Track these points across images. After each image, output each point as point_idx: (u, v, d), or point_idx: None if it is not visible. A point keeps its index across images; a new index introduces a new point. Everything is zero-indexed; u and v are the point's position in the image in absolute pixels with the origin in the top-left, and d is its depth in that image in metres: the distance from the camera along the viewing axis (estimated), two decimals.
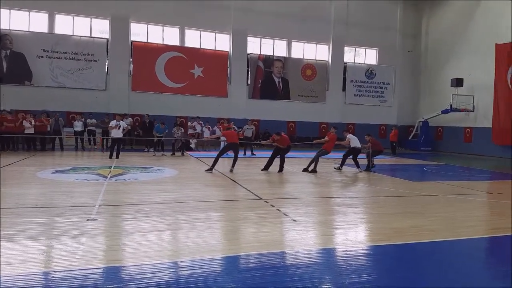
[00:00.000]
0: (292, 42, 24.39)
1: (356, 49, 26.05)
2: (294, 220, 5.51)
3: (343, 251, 4.36)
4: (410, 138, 25.85)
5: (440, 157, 20.44)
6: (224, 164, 11.77)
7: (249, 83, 23.44)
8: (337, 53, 24.86)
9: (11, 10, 19.34)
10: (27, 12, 19.58)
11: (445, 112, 23.09)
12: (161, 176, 9.75)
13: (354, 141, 11.96)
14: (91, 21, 20.65)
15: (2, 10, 19.06)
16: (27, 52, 19.32)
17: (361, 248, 4.52)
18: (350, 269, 3.77)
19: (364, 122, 25.11)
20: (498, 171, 14.25)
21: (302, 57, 24.59)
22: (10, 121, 15.16)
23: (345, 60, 25.38)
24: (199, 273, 3.53)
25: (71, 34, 20.23)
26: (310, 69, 24.55)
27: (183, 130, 16.06)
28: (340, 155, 12.72)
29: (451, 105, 22.45)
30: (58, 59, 19.75)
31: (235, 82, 22.93)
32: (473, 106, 22.26)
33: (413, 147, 25.04)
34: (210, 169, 10.50)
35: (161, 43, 21.80)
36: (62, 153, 15.43)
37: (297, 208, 6.47)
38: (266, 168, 11.33)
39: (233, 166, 10.73)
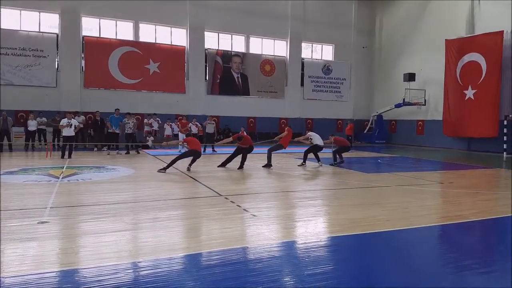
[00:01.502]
0: (251, 38, 24.42)
1: (313, 45, 26.55)
2: (254, 215, 5.56)
3: (303, 244, 4.46)
4: (365, 131, 26.83)
5: (393, 149, 21.39)
6: (183, 161, 11.58)
7: (207, 78, 23.22)
8: (295, 49, 25.21)
9: None
10: None
11: (398, 106, 24.14)
12: (116, 176, 9.45)
13: (315, 138, 12.00)
14: (39, 15, 19.52)
15: None
16: None
17: (320, 240, 4.65)
18: (309, 260, 3.87)
19: (322, 117, 25.71)
20: (449, 162, 15.15)
21: (260, 53, 24.71)
22: None
23: (303, 56, 25.80)
24: (159, 272, 3.48)
25: (19, 29, 19.01)
26: (269, 64, 24.73)
27: (134, 120, 15.49)
28: (301, 149, 12.88)
29: (404, 99, 23.51)
30: (5, 55, 18.51)
31: (193, 77, 22.63)
32: (425, 100, 23.45)
33: (368, 140, 26.01)
34: (164, 169, 10.10)
35: (114, 38, 21.04)
36: (11, 153, 14.51)
37: (257, 203, 6.54)
38: (223, 164, 11.31)
39: (190, 165, 10.54)
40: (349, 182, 9.08)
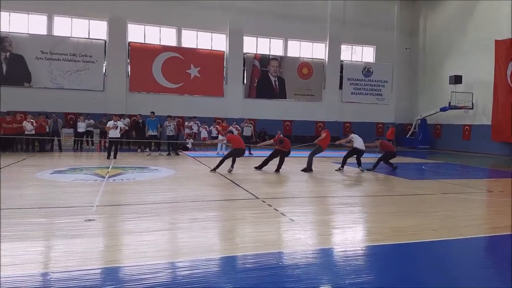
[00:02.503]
0: (289, 41, 24.39)
1: (353, 47, 26.07)
2: (292, 220, 5.52)
3: (342, 251, 4.36)
4: (408, 136, 25.90)
5: (438, 155, 20.49)
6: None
7: (245, 82, 23.45)
8: (334, 51, 24.88)
9: (11, 13, 19.28)
10: (27, 15, 19.54)
11: (443, 109, 23.13)
12: (158, 176, 9.74)
13: (357, 141, 11.62)
14: (89, 23, 20.62)
15: (2, 13, 19.03)
16: (26, 54, 19.29)
17: (360, 248, 4.53)
18: (350, 269, 3.77)
19: (361, 120, 25.11)
20: (498, 169, 14.28)
21: (298, 56, 24.59)
22: (9, 122, 15.12)
23: (342, 58, 25.40)
24: (197, 273, 3.53)
25: (70, 36, 20.19)
26: (306, 67, 24.56)
27: (175, 123, 15.94)
28: (340, 154, 12.61)
29: (449, 103, 22.49)
30: (57, 60, 19.71)
31: (231, 81, 22.94)
32: (472, 104, 22.28)
33: (411, 145, 25.09)
34: (214, 170, 10.44)
35: (158, 43, 21.78)
36: (60, 153, 15.40)
37: (294, 207, 6.48)
38: (260, 167, 11.31)
39: (232, 166, 10.69)
40: (391, 189, 8.79)
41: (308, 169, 11.21)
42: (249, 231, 5.03)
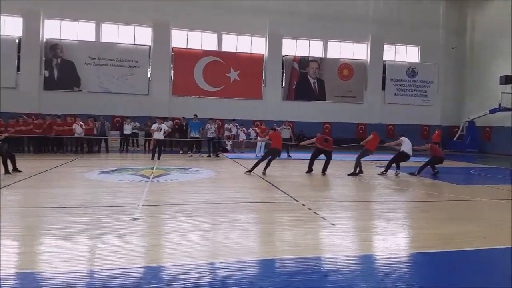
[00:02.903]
0: (329, 42, 24.08)
1: (397, 47, 25.28)
2: (333, 224, 5.43)
3: (386, 258, 4.23)
4: (455, 139, 24.70)
5: (488, 159, 19.37)
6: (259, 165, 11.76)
7: (283, 84, 23.43)
8: (376, 52, 24.25)
9: (62, 21, 20.52)
10: (76, 22, 20.70)
11: (493, 111, 21.84)
12: (199, 177, 9.96)
13: (406, 145, 11.19)
14: (134, 29, 21.50)
15: (53, 21, 20.32)
16: (76, 60, 20.42)
17: (405, 255, 4.38)
18: (395, 277, 3.65)
19: (405, 122, 24.23)
20: None
21: (339, 57, 24.21)
22: (60, 125, 16.07)
23: (385, 58, 24.69)
24: (238, 275, 3.56)
25: (116, 42, 21.16)
26: (347, 68, 24.12)
27: (216, 126, 16.24)
28: (384, 157, 12.19)
29: (499, 104, 21.21)
30: (104, 66, 20.72)
31: (270, 84, 23.01)
32: None
33: (458, 148, 23.88)
34: (249, 171, 10.53)
35: (200, 48, 22.30)
36: (107, 154, 16.17)
37: (335, 212, 6.38)
38: (309, 171, 11.08)
39: (265, 169, 10.65)
40: (437, 194, 8.42)
41: (354, 173, 10.94)
42: (289, 235, 5.01)
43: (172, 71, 21.82)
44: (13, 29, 19.87)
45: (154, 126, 14.18)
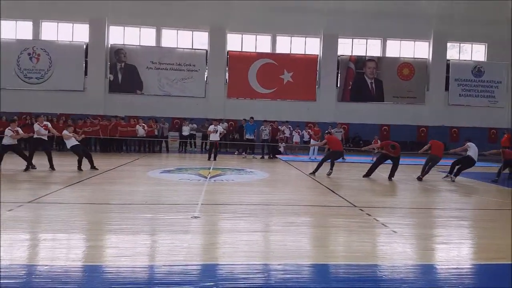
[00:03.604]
0: (387, 41, 23.26)
1: (461, 45, 23.79)
2: (394, 232, 5.23)
3: (455, 269, 3.99)
4: None
5: None
6: (312, 168, 11.63)
7: (338, 85, 22.99)
8: (439, 50, 23.00)
9: (125, 27, 21.85)
10: (138, 28, 21.93)
11: None
12: (254, 178, 10.09)
13: (472, 150, 10.54)
14: (192, 34, 22.31)
15: (117, 27, 21.68)
16: (138, 64, 21.65)
17: (470, 267, 4.12)
18: None
19: (470, 125, 22.72)
20: None
21: (398, 56, 23.29)
22: (124, 126, 17.11)
23: (448, 57, 23.35)
24: (294, 278, 3.55)
25: (176, 47, 22.09)
26: (407, 68, 23.14)
27: (270, 128, 16.34)
28: (449, 162, 11.50)
29: None
30: (164, 70, 21.74)
31: (324, 85, 22.70)
32: None
33: None
34: (313, 173, 10.61)
35: (254, 51, 22.60)
36: (167, 155, 16.95)
37: (397, 218, 6.14)
38: (368, 174, 10.76)
39: (331, 169, 10.63)
40: (507, 202, 7.79)
41: (420, 177, 10.52)
42: (347, 240, 4.90)
43: (227, 74, 22.32)
44: (80, 36, 21.50)
45: (211, 127, 14.63)
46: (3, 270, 3.49)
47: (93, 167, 10.52)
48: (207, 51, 22.11)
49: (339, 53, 22.87)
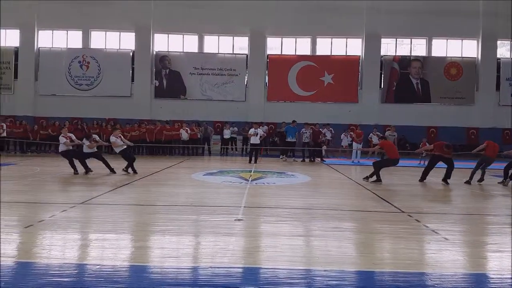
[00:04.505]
0: (433, 40, 22.32)
1: None
2: (446, 239, 4.97)
3: (509, 279, 3.72)
4: None
5: None
6: (355, 171, 11.40)
7: (382, 86, 22.34)
8: (489, 48, 21.75)
9: (169, 34, 22.56)
10: (181, 35, 22.56)
11: None
12: (295, 182, 10.00)
13: None
14: (233, 39, 22.62)
15: (161, 35, 22.41)
16: (182, 70, 22.26)
17: None
18: None
19: None
20: None
21: (445, 55, 22.26)
22: (169, 130, 17.66)
23: (498, 55, 22.00)
24: (340, 285, 3.46)
25: (217, 52, 22.50)
26: (455, 67, 22.05)
27: (311, 131, 16.14)
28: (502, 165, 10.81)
29: None
30: (206, 75, 22.20)
31: (366, 86, 22.15)
32: None
33: None
34: (367, 178, 10.03)
35: (294, 53, 22.51)
36: (209, 157, 17.28)
37: (448, 225, 5.81)
38: (423, 178, 10.26)
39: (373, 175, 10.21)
40: None
41: (469, 181, 10.04)
42: (396, 247, 4.67)
43: (267, 78, 22.39)
44: (127, 43, 22.44)
45: (251, 131, 14.74)
46: (56, 269, 3.67)
47: (133, 171, 10.68)
48: (247, 55, 22.32)
49: (382, 53, 22.24)
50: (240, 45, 22.63)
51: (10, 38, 22.29)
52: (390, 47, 22.70)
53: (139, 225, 5.54)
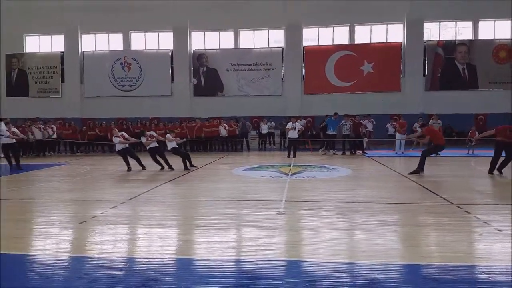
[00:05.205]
0: (479, 22, 21.01)
1: None
2: (499, 230, 4.71)
3: None
4: None
5: None
6: (399, 163, 11.03)
7: (426, 73, 21.39)
8: None
9: (205, 32, 22.88)
10: (217, 33, 22.81)
11: None
12: (336, 175, 9.85)
13: None
14: (268, 33, 22.54)
15: (198, 33, 22.78)
16: (219, 67, 22.51)
17: None
18: None
19: None
20: None
21: (493, 38, 20.91)
22: (208, 126, 17.98)
23: None
24: (387, 278, 3.39)
25: (252, 47, 22.55)
26: (504, 50, 20.67)
27: (351, 122, 15.76)
28: None
29: None
30: (243, 71, 22.32)
31: (409, 74, 21.29)
32: None
33: None
34: (417, 172, 9.43)
35: (331, 44, 22.07)
36: (248, 153, 17.42)
37: (502, 216, 5.48)
38: (492, 169, 9.43)
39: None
40: None
41: None
42: (445, 240, 4.48)
43: (303, 70, 22.14)
44: (166, 44, 22.98)
45: (289, 125, 14.64)
46: (108, 263, 3.86)
47: (192, 165, 11.15)
48: (283, 48, 22.17)
49: (425, 38, 21.28)
50: (276, 38, 22.51)
51: (56, 43, 23.60)
52: (433, 31, 21.67)
53: (184, 219, 5.71)
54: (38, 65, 23.43)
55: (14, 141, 11.77)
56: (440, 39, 21.41)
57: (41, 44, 23.87)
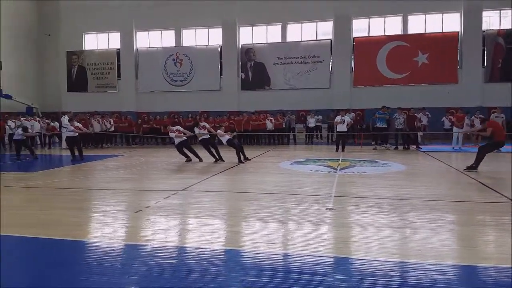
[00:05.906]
0: None
1: None
2: None
3: None
4: None
5: None
6: (456, 159, 10.41)
7: (485, 64, 19.97)
8: None
9: (253, 27, 22.96)
10: (265, 27, 22.81)
11: None
12: (389, 171, 9.52)
13: None
14: (316, 25, 22.17)
15: (246, 28, 22.92)
16: (266, 61, 22.55)
17: None
18: None
19: None
20: None
21: None
22: (255, 120, 18.12)
23: None
24: (440, 279, 3.23)
25: (300, 40, 22.30)
26: None
27: (405, 116, 15.01)
28: None
29: None
30: (290, 64, 22.18)
31: (467, 65, 20.03)
32: None
33: None
34: (473, 167, 8.95)
35: (383, 34, 21.25)
36: (295, 146, 17.34)
37: None
38: None
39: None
40: None
41: None
42: (505, 241, 4.21)
43: (353, 62, 21.55)
44: (215, 39, 23.36)
45: (337, 118, 14.33)
46: (161, 251, 4.01)
47: (246, 158, 11.32)
48: (331, 40, 21.71)
49: (484, 27, 19.86)
50: (324, 30, 22.06)
51: (113, 41, 24.89)
52: (493, 20, 20.16)
53: (234, 210, 5.82)
54: (96, 61, 24.85)
55: (77, 134, 12.61)
56: (501, 28, 19.88)
57: (99, 41, 25.29)
